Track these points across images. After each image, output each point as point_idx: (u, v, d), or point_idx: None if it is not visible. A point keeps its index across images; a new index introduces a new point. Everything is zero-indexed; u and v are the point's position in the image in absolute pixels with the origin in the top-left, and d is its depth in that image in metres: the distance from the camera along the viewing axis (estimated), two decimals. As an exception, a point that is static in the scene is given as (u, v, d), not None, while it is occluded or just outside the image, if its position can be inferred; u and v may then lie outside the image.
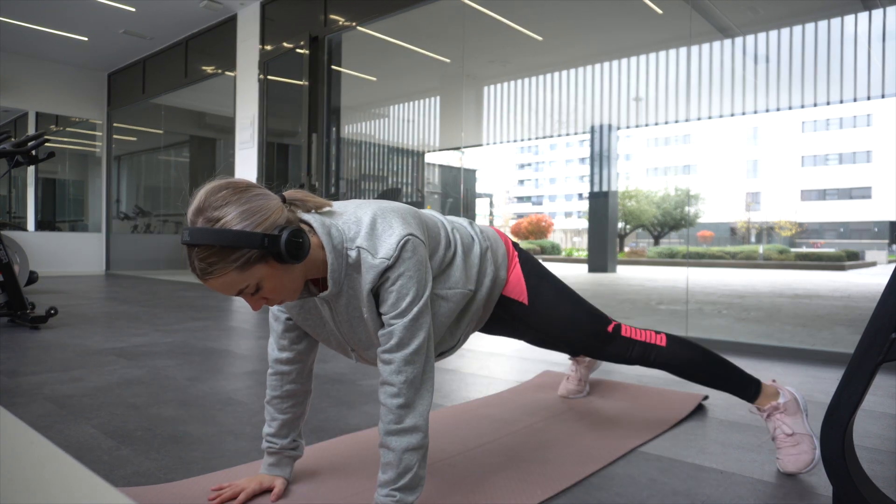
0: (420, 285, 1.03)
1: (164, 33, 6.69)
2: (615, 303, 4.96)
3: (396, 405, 1.03)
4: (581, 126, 6.85)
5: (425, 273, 1.05)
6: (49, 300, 4.68)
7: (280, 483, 1.22)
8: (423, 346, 1.05)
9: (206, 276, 0.93)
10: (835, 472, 1.07)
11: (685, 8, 3.72)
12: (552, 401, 1.97)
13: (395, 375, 1.03)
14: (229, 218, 0.91)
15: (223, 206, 0.92)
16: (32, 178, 8.37)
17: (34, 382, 2.12)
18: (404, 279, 1.02)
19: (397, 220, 1.04)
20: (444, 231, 1.23)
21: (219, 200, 0.92)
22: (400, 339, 1.03)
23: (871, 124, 23.29)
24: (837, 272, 9.30)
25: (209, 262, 0.91)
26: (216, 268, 0.92)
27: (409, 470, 1.02)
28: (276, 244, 0.92)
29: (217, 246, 0.90)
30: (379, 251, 1.01)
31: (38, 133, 3.52)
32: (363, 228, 1.03)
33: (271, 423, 1.23)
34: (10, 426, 0.49)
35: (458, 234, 1.27)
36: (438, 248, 1.19)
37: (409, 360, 1.03)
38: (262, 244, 0.91)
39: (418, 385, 1.04)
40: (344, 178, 5.61)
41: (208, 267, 0.92)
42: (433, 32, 5.62)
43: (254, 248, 0.91)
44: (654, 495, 1.24)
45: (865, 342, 1.06)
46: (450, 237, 1.24)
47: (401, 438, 1.02)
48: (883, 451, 1.52)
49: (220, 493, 1.18)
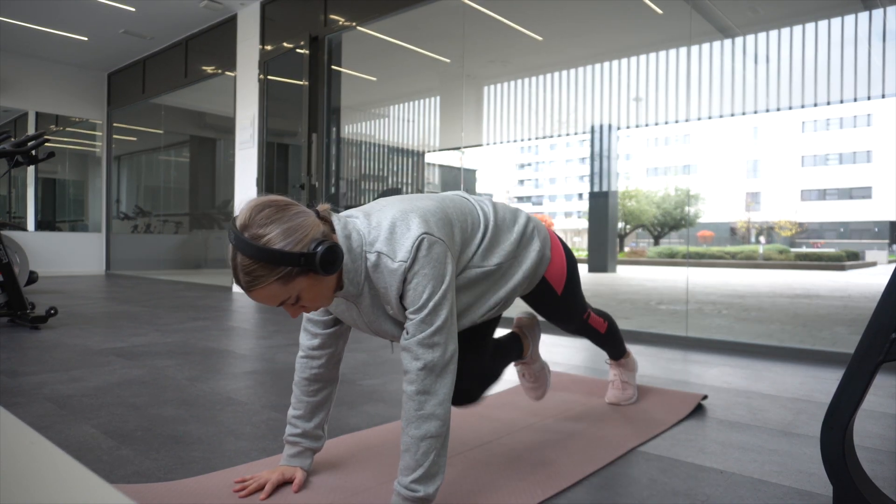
0: (436, 282, 1.08)
1: (164, 33, 6.69)
2: (615, 303, 4.96)
3: (414, 391, 1.07)
4: (581, 126, 6.85)
5: (442, 269, 1.09)
6: (49, 300, 4.68)
7: (300, 474, 1.25)
8: (442, 336, 1.08)
9: (251, 288, 1.01)
10: (835, 472, 1.07)
11: (685, 8, 3.72)
12: (552, 401, 1.97)
13: (412, 362, 1.08)
14: (272, 236, 0.98)
15: (266, 224, 0.99)
16: (32, 178, 8.37)
17: (34, 382, 2.12)
18: (419, 277, 1.07)
19: (415, 221, 1.10)
20: (478, 215, 1.30)
21: (263, 219, 1.00)
22: (416, 331, 1.08)
23: (871, 124, 23.31)
24: (837, 272, 9.31)
25: (255, 275, 0.99)
26: (260, 281, 1.00)
27: (427, 458, 1.06)
28: (312, 261, 1.00)
29: (260, 262, 0.98)
30: (398, 254, 1.07)
31: (38, 133, 3.51)
32: (382, 233, 1.09)
33: (297, 405, 1.28)
34: (10, 426, 0.49)
35: (494, 212, 1.33)
36: (475, 234, 1.26)
37: (426, 349, 1.07)
38: (300, 262, 0.99)
39: (438, 372, 1.08)
40: (344, 178, 5.62)
41: (253, 280, 0.99)
42: (433, 32, 5.62)
43: (294, 265, 0.99)
44: (654, 495, 1.24)
45: (865, 342, 1.06)
46: (486, 218, 1.30)
47: (419, 426, 1.06)
48: (883, 451, 1.52)
49: (246, 485, 1.21)
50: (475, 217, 1.28)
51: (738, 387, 2.20)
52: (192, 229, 9.63)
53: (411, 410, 1.07)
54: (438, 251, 1.09)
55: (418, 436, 1.06)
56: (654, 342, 3.17)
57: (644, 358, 2.73)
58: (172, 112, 8.67)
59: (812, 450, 1.52)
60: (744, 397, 2.05)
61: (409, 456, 1.06)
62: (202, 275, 8.24)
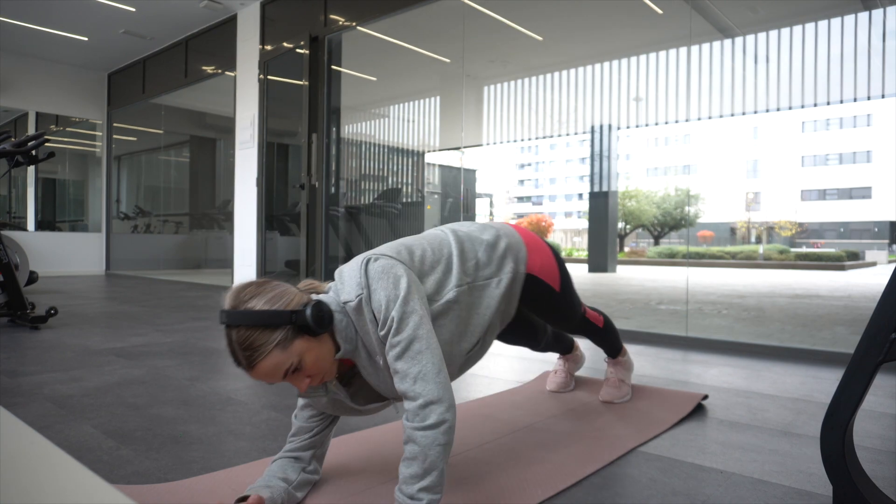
0: (388, 289, 1.07)
1: (164, 33, 6.69)
2: (615, 303, 4.96)
3: (417, 406, 1.04)
4: (581, 126, 6.85)
5: (389, 278, 1.09)
6: (49, 300, 4.68)
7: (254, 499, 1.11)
8: (421, 343, 1.06)
9: (253, 363, 1.02)
10: (835, 472, 1.07)
11: (685, 8, 3.72)
12: (552, 401, 1.97)
13: (403, 382, 1.05)
14: (260, 306, 1.03)
15: (251, 298, 1.04)
16: (32, 178, 8.37)
17: (34, 382, 2.12)
18: (374, 295, 1.08)
19: (360, 257, 1.14)
20: (443, 241, 1.30)
21: (247, 295, 1.04)
22: (392, 345, 1.06)
23: (871, 124, 23.31)
24: (837, 272, 9.31)
25: (254, 346, 1.01)
26: (260, 352, 1.01)
27: (435, 467, 1.02)
28: (303, 317, 1.03)
29: (257, 328, 1.01)
30: (352, 292, 1.09)
31: (38, 133, 3.52)
32: (338, 284, 1.13)
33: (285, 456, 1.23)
34: (10, 426, 0.49)
35: (457, 236, 1.33)
36: (440, 260, 1.25)
37: (410, 363, 1.05)
38: (291, 319, 1.02)
39: (432, 379, 1.04)
40: (344, 178, 5.61)
41: (253, 353, 1.01)
42: (433, 32, 5.62)
43: (286, 324, 1.02)
44: (654, 495, 1.24)
45: (865, 342, 1.06)
46: (450, 242, 1.30)
47: (425, 435, 1.02)
48: (883, 451, 1.52)
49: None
50: (444, 241, 1.29)
51: (738, 387, 2.20)
52: (192, 229, 9.64)
53: (416, 422, 1.03)
54: (382, 264, 1.11)
55: (426, 443, 1.02)
56: (654, 342, 3.17)
57: (644, 358, 2.73)
58: (172, 112, 8.68)
59: (812, 450, 1.52)
60: (744, 397, 2.05)
61: (416, 464, 1.02)
62: (202, 275, 8.25)
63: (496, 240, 1.38)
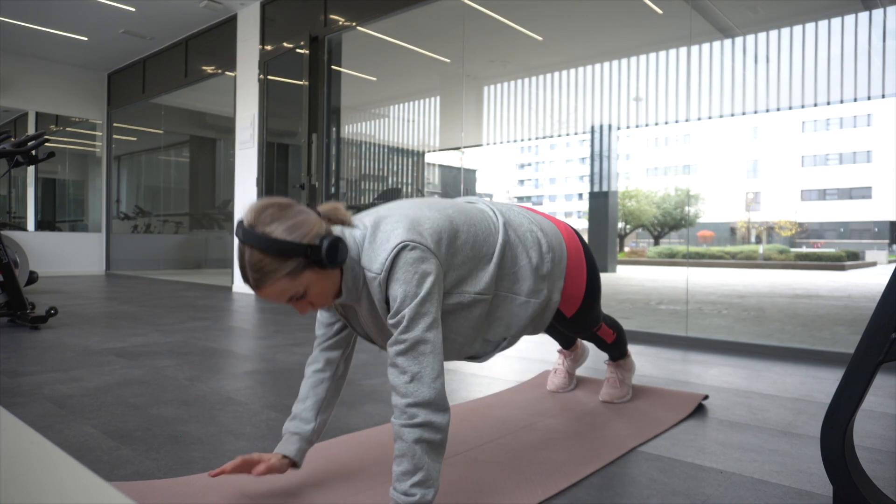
0: (409, 283, 1.06)
1: (164, 33, 6.69)
2: (615, 303, 4.96)
3: (405, 404, 1.04)
4: (581, 126, 6.84)
5: (416, 274, 1.07)
6: (49, 300, 4.68)
7: (274, 460, 1.17)
8: (427, 346, 1.06)
9: (260, 286, 1.04)
10: (835, 472, 1.07)
11: (685, 8, 3.72)
12: (552, 401, 1.97)
13: (399, 376, 1.06)
14: (279, 231, 1.02)
15: (271, 221, 1.03)
16: (32, 178, 8.37)
17: (34, 382, 2.12)
18: (395, 284, 1.07)
19: (400, 229, 1.09)
20: (489, 237, 1.25)
21: (267, 217, 1.03)
22: (396, 342, 1.07)
23: (871, 124, 23.30)
24: (837, 272, 9.30)
25: (264, 272, 1.02)
26: (270, 278, 1.03)
27: (424, 462, 1.03)
28: (317, 253, 1.03)
29: (270, 253, 1.01)
30: (373, 266, 1.09)
31: (38, 133, 3.51)
32: (366, 243, 1.11)
33: (301, 394, 1.28)
34: (10, 426, 0.49)
35: (506, 237, 1.28)
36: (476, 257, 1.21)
37: (411, 361, 1.05)
38: (306, 253, 1.03)
39: (427, 381, 1.05)
40: (344, 178, 5.62)
41: (263, 277, 1.02)
42: (433, 32, 5.62)
43: (299, 256, 1.03)
44: (654, 495, 1.24)
45: (865, 342, 1.06)
46: (496, 243, 1.26)
47: (413, 432, 1.03)
48: (883, 451, 1.52)
49: None
50: (490, 238, 1.25)
51: (738, 387, 2.20)
52: (192, 229, 9.64)
53: (403, 419, 1.03)
54: (416, 255, 1.07)
55: (413, 439, 1.02)
56: (654, 342, 3.17)
57: (644, 358, 2.73)
58: (172, 112, 8.67)
59: (812, 450, 1.52)
60: (744, 397, 2.05)
61: (406, 461, 1.02)
62: (202, 275, 8.25)
63: (540, 261, 1.33)
